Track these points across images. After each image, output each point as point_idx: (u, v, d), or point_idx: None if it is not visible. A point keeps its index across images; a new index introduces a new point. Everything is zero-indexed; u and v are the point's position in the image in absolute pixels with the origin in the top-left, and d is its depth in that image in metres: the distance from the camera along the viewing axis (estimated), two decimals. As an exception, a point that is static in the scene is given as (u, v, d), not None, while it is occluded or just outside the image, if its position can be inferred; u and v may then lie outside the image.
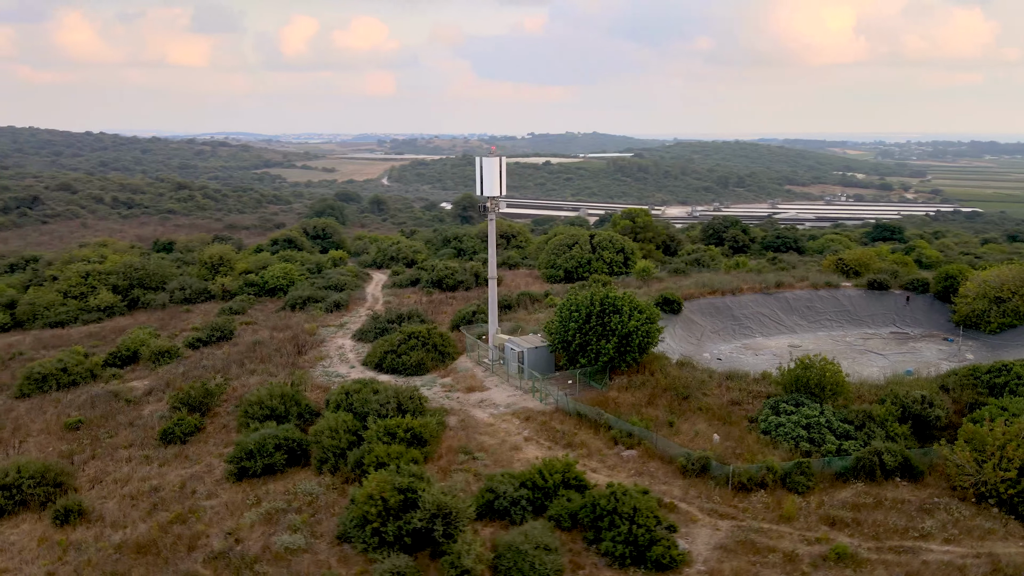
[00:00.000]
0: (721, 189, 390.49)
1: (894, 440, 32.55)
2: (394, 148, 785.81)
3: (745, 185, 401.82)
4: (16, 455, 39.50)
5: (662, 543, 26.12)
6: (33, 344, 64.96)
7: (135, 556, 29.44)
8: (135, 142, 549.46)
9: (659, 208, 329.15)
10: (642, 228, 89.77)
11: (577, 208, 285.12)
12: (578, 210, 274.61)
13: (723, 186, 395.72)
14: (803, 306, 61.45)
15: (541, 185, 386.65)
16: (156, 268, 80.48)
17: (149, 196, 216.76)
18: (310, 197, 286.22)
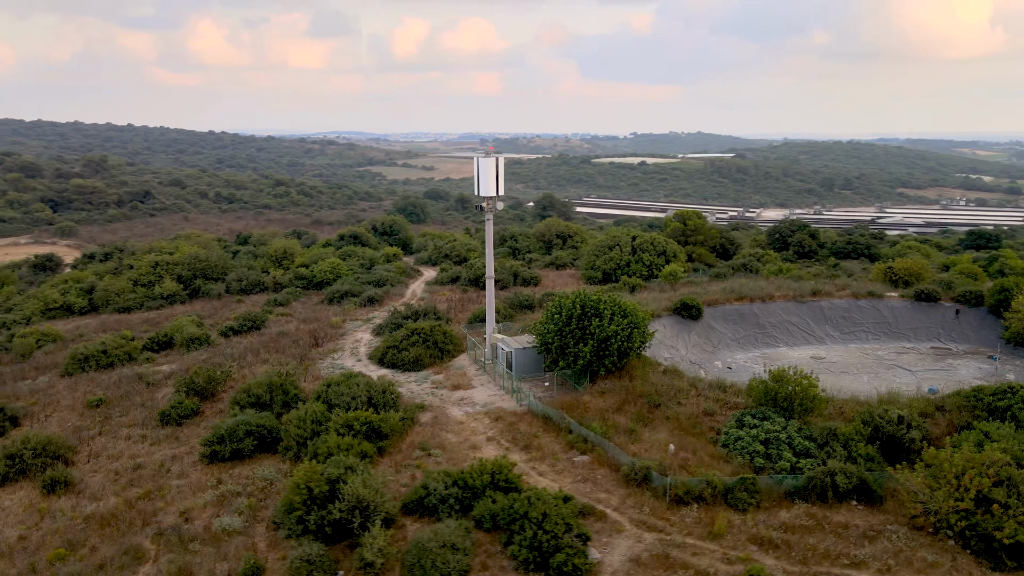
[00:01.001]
0: (825, 191, 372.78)
1: (855, 461, 30.56)
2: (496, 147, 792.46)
3: (852, 187, 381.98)
4: (38, 428, 43.21)
5: (566, 551, 25.71)
6: (97, 327, 70.49)
7: (97, 527, 31.69)
8: (252, 141, 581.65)
9: (754, 210, 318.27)
10: (693, 231, 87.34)
11: (665, 209, 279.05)
12: (666, 211, 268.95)
13: (827, 188, 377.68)
14: (839, 316, 58.26)
15: (634, 185, 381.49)
16: (218, 260, 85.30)
17: (250, 192, 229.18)
18: (402, 194, 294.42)
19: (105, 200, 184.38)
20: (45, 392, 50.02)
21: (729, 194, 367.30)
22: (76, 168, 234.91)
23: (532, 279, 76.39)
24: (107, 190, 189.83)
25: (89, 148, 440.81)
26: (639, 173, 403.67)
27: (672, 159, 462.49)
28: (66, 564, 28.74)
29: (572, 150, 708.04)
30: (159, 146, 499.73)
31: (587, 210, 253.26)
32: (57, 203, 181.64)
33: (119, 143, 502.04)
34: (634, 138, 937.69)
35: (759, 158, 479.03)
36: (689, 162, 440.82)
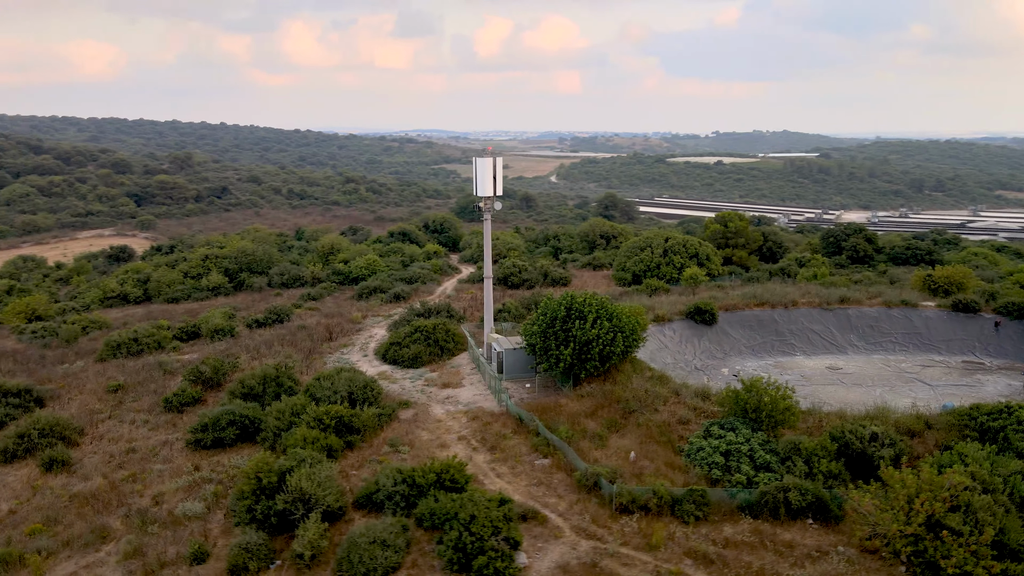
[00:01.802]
0: (914, 193, 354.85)
1: (815, 477, 29.19)
2: (573, 146, 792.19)
3: (944, 189, 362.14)
4: (58, 409, 46.05)
5: (489, 554, 25.62)
6: (144, 316, 74.32)
7: (78, 505, 33.58)
8: (334, 139, 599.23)
9: (834, 212, 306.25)
10: (733, 234, 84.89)
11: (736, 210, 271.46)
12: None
13: (916, 190, 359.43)
14: (866, 325, 55.61)
15: (709, 186, 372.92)
16: (263, 255, 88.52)
17: (321, 189, 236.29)
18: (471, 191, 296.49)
19: (185, 195, 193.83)
20: (75, 376, 53.16)
21: (809, 195, 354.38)
22: (164, 165, 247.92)
23: (562, 279, 76.00)
24: (187, 186, 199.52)
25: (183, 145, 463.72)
26: (714, 173, 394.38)
27: (751, 159, 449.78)
28: (38, 539, 30.58)
29: (650, 149, 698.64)
30: (247, 144, 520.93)
31: (654, 210, 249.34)
32: (141, 198, 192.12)
33: (211, 141, 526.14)
34: (716, 137, 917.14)
35: (845, 158, 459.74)
36: (768, 162, 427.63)
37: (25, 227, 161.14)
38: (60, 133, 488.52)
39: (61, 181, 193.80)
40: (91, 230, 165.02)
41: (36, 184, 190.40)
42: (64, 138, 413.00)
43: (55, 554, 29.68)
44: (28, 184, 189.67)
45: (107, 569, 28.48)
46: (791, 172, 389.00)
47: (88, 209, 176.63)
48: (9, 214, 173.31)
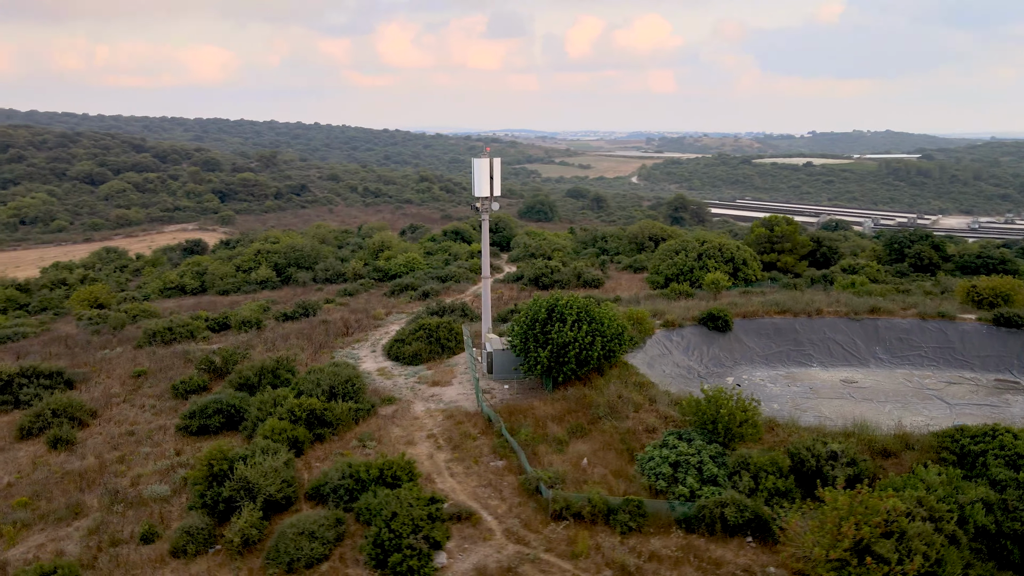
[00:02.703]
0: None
1: (754, 494, 27.89)
2: (661, 146, 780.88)
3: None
4: (84, 392, 49.19)
5: (405, 552, 25.82)
6: (192, 306, 78.30)
7: (66, 482, 35.82)
8: (420, 138, 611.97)
9: (930, 217, 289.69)
10: (779, 238, 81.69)
11: (819, 213, 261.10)
12: (819, 215, 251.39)
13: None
14: (894, 337, 52.53)
15: (795, 188, 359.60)
16: (311, 250, 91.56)
17: (396, 187, 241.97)
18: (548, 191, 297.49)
19: (265, 192, 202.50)
20: (110, 361, 56.62)
21: (904, 199, 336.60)
22: (252, 163, 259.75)
23: (595, 281, 75.20)
24: (268, 183, 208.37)
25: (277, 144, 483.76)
26: (802, 175, 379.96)
27: (844, 160, 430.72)
28: (20, 511, 32.84)
29: (740, 149, 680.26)
30: (337, 143, 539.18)
31: (731, 212, 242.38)
32: (225, 194, 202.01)
33: (304, 140, 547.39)
34: (812, 137, 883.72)
35: (949, 159, 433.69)
36: (863, 163, 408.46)
37: (118, 220, 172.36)
38: (168, 133, 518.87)
39: (155, 178, 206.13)
40: (177, 224, 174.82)
41: (133, 181, 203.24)
42: (171, 137, 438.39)
43: (30, 526, 31.80)
44: (126, 181, 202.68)
45: (70, 543, 30.30)
46: (886, 174, 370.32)
47: (176, 205, 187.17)
48: (107, 208, 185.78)
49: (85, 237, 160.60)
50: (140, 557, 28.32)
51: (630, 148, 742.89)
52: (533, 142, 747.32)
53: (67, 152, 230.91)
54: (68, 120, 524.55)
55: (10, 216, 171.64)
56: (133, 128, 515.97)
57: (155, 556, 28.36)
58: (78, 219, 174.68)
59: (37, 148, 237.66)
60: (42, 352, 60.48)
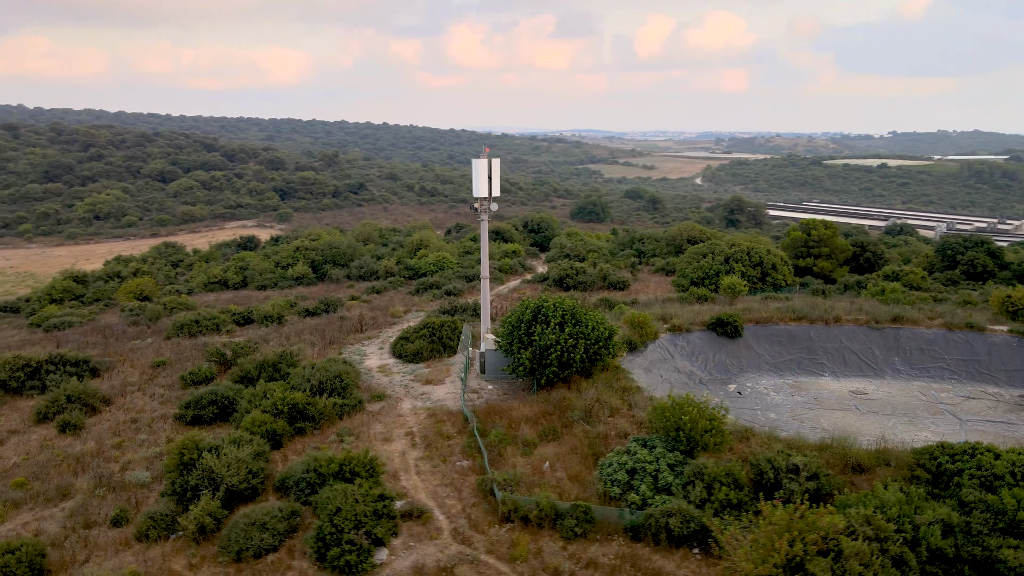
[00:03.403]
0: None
1: (705, 505, 27.09)
2: (730, 147, 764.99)
3: None
4: (107, 380, 51.58)
5: (344, 547, 26.19)
6: (228, 300, 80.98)
7: (64, 465, 37.67)
8: (486, 138, 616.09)
9: (1012, 222, 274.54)
10: (816, 242, 78.93)
11: (887, 217, 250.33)
12: (888, 219, 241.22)
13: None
14: (916, 348, 50.19)
15: (867, 190, 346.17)
16: (347, 248, 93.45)
17: (452, 187, 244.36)
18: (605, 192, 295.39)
19: (323, 191, 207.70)
20: (138, 350, 59.15)
21: (987, 202, 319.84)
22: (315, 162, 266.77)
23: (620, 283, 74.30)
24: (327, 182, 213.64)
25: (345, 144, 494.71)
26: (876, 177, 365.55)
27: (922, 161, 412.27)
28: (16, 491, 34.73)
29: (813, 150, 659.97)
30: (403, 142, 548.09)
31: (793, 215, 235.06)
32: (286, 192, 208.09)
33: (372, 139, 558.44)
34: (892, 137, 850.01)
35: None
36: (943, 165, 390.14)
37: (183, 217, 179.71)
38: (243, 132, 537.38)
39: (221, 176, 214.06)
40: (237, 221, 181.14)
41: (200, 179, 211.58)
42: (245, 137, 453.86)
43: (20, 506, 33.58)
44: (194, 178, 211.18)
45: (51, 523, 31.87)
46: (967, 176, 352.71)
47: (238, 202, 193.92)
48: (175, 205, 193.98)
49: (152, 232, 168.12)
50: (106, 539, 29.58)
51: (698, 149, 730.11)
52: (599, 142, 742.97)
53: (143, 151, 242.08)
54: (152, 120, 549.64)
55: (86, 211, 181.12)
56: (211, 128, 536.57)
57: (121, 539, 29.57)
58: (147, 215, 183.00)
59: (116, 147, 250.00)
60: (80, 340, 63.69)
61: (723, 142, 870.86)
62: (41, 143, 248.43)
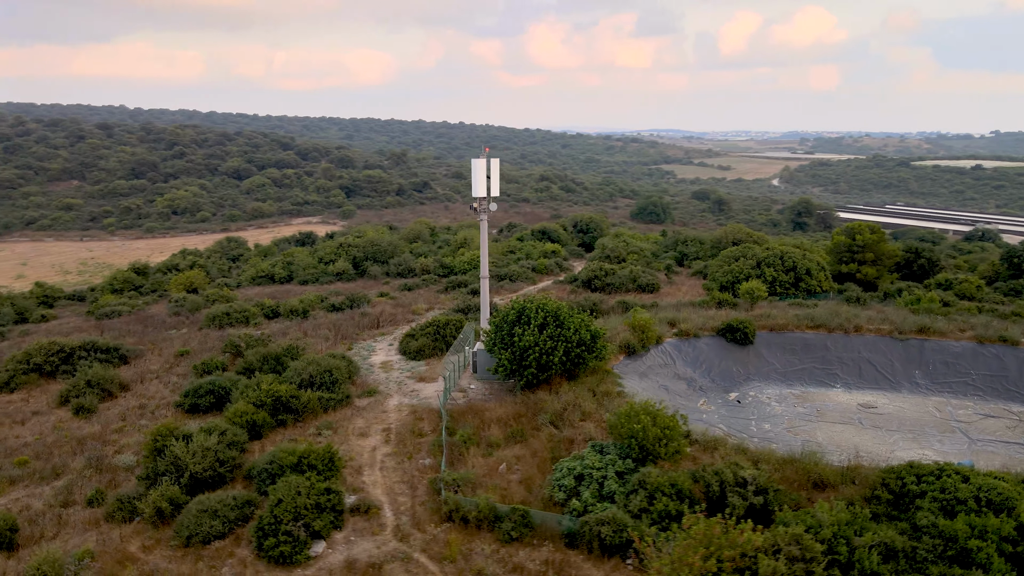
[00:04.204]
0: None
1: (642, 515, 26.31)
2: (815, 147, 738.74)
3: None
4: (134, 367, 54.25)
5: (280, 538, 26.78)
6: (270, 294, 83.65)
7: (66, 446, 39.84)
8: (560, 137, 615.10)
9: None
10: (861, 248, 75.34)
11: (974, 222, 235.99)
12: (974, 224, 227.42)
13: None
14: (940, 361, 47.40)
15: (958, 193, 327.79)
16: (387, 245, 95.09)
17: (516, 186, 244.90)
18: (674, 193, 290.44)
19: (387, 189, 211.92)
20: (169, 340, 61.94)
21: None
22: (384, 161, 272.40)
23: (649, 285, 72.99)
24: (391, 180, 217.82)
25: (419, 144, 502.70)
26: (968, 179, 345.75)
27: (1022, 163, 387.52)
28: (18, 468, 36.96)
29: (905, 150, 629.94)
30: (477, 142, 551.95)
31: (862, 218, 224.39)
32: (351, 190, 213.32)
33: (446, 138, 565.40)
34: (994, 137, 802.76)
35: None
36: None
37: (253, 213, 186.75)
38: (323, 132, 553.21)
39: (292, 174, 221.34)
40: (303, 217, 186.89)
41: (272, 176, 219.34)
42: (325, 136, 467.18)
43: (16, 482, 35.70)
44: (266, 176, 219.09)
45: (37, 500, 33.77)
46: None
47: (306, 199, 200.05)
48: (247, 201, 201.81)
49: (223, 227, 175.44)
50: (78, 518, 31.16)
51: (780, 149, 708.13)
52: (676, 142, 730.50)
53: (223, 150, 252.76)
54: (239, 120, 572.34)
55: (164, 207, 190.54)
56: (293, 127, 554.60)
57: (91, 519, 31.08)
58: (220, 211, 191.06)
59: (199, 146, 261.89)
60: (122, 329, 67.15)
61: (807, 142, 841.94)
62: (131, 142, 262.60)
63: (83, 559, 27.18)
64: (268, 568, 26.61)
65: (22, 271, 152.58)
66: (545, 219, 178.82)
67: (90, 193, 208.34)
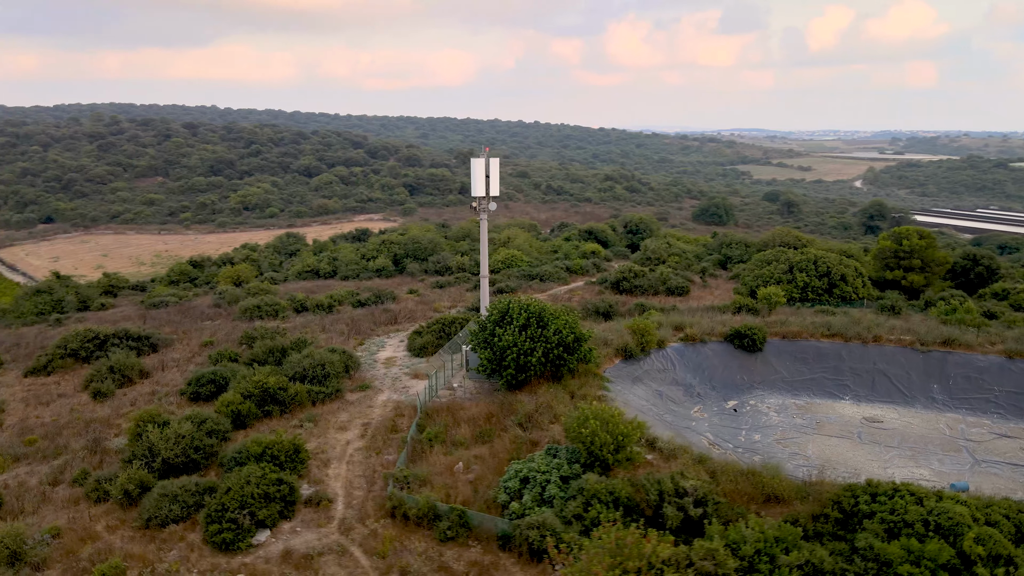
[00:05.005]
0: None
1: (572, 521, 25.82)
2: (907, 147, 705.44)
3: None
4: (162, 355, 56.85)
5: (224, 524, 27.61)
6: (310, 288, 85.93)
7: (74, 428, 42.10)
8: (634, 137, 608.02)
9: None
10: (907, 254, 71.56)
11: None
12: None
13: None
14: (961, 376, 44.67)
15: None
16: (428, 243, 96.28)
17: (579, 186, 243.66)
18: (746, 194, 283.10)
19: (449, 187, 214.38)
20: (201, 330, 64.58)
21: None
22: (451, 160, 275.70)
23: (679, 288, 71.49)
24: (453, 178, 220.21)
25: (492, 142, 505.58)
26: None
27: None
28: (24, 447, 39.34)
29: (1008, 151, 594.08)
30: (550, 141, 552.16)
31: (944, 222, 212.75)
32: (415, 188, 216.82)
33: (520, 137, 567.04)
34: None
35: None
36: None
37: (318, 209, 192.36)
38: (400, 131, 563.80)
39: (359, 172, 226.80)
40: (366, 214, 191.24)
41: (340, 174, 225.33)
42: (400, 135, 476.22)
43: (20, 460, 38.03)
44: (334, 174, 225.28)
45: (34, 477, 35.89)
46: None
47: (370, 196, 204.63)
48: (314, 198, 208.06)
49: (288, 223, 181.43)
50: (61, 496, 32.93)
51: (869, 149, 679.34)
52: (756, 142, 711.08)
53: (296, 148, 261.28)
54: (320, 119, 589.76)
55: (237, 203, 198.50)
56: (372, 127, 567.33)
57: (72, 497, 32.78)
58: (288, 207, 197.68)
59: (275, 144, 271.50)
60: (164, 319, 70.40)
61: (899, 142, 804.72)
62: (213, 140, 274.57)
63: (48, 535, 28.73)
64: (212, 553, 27.48)
65: (102, 262, 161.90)
66: (604, 218, 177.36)
67: (171, 189, 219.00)
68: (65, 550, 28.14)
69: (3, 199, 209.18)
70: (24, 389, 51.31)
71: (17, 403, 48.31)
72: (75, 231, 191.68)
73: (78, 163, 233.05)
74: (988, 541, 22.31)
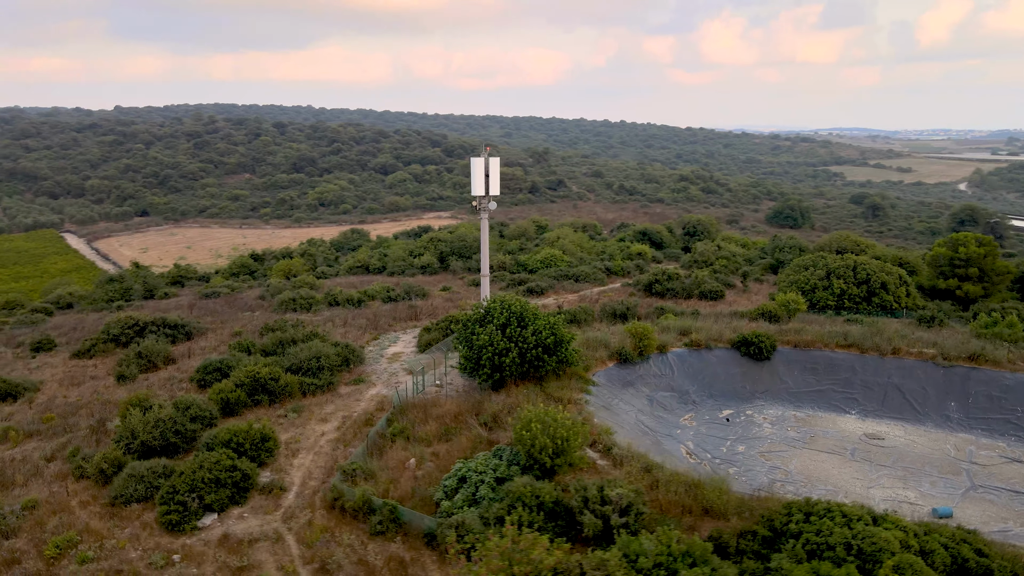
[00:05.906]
0: None
1: (492, 523, 25.58)
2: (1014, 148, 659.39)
3: None
4: (195, 343, 59.75)
5: (171, 507, 28.87)
6: (355, 283, 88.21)
7: (95, 407, 44.80)
8: (723, 137, 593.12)
9: None
10: (963, 262, 66.94)
11: None
12: None
13: None
14: (983, 394, 41.63)
15: None
16: (473, 241, 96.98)
17: (653, 186, 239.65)
18: (833, 196, 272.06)
19: (520, 186, 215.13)
20: (238, 320, 67.41)
21: None
22: (526, 159, 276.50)
23: (713, 292, 69.43)
24: (524, 177, 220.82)
25: (576, 142, 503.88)
26: None
27: None
28: (40, 424, 42.21)
29: None
30: (634, 141, 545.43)
31: None
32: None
33: (604, 137, 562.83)
34: None
35: None
36: None
37: (389, 206, 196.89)
38: (485, 130, 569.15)
39: (432, 170, 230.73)
40: (435, 212, 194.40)
41: (414, 172, 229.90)
42: (485, 135, 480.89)
43: (32, 436, 40.82)
44: (408, 172, 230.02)
45: (37, 453, 38.49)
46: None
47: (441, 194, 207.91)
48: (387, 195, 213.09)
49: (360, 219, 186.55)
50: (51, 471, 35.16)
51: (981, 149, 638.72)
52: (855, 142, 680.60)
53: (375, 146, 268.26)
54: (408, 118, 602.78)
55: (314, 199, 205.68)
56: (457, 126, 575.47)
57: (60, 473, 34.96)
58: (362, 203, 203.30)
59: (356, 143, 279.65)
60: (210, 308, 73.94)
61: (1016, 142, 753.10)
62: (299, 139, 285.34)
63: (25, 508, 30.79)
64: (160, 533, 28.76)
65: (185, 253, 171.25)
66: (670, 218, 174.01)
67: (256, 185, 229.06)
68: (36, 521, 30.07)
69: (106, 193, 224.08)
70: (65, 371, 54.99)
71: (53, 383, 51.85)
72: (166, 224, 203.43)
73: (175, 160, 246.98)
74: (907, 570, 20.81)
